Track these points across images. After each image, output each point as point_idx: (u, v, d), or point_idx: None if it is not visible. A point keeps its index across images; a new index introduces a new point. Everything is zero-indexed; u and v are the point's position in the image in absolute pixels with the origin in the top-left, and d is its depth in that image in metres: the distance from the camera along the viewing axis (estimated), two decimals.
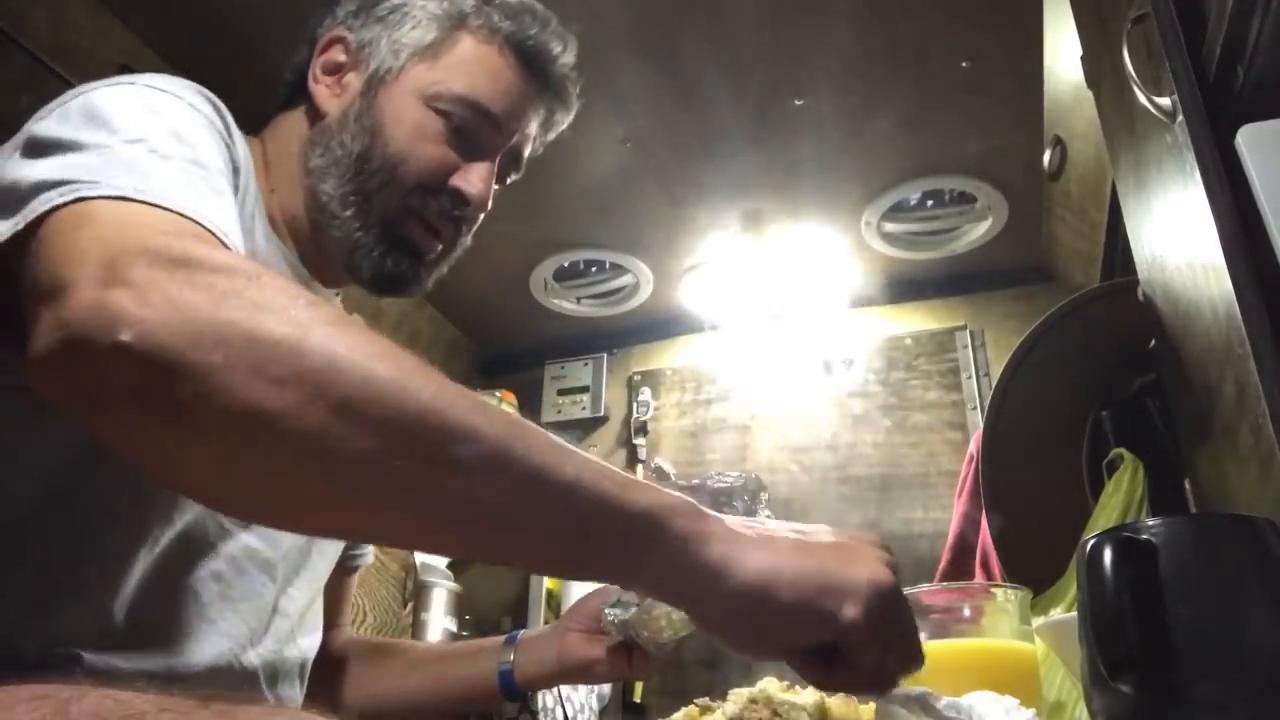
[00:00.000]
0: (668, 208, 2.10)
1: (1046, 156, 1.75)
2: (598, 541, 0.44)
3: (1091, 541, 0.56)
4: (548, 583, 2.35)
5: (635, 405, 2.53)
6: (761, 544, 0.46)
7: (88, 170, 0.51)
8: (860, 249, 2.24)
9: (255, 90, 0.82)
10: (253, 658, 0.72)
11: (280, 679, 0.76)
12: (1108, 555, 0.54)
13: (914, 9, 1.56)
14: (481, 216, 0.86)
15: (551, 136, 0.93)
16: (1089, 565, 0.56)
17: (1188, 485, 0.96)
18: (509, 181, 0.89)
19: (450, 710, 0.91)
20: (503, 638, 0.91)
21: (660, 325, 2.57)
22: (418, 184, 0.79)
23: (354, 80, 0.81)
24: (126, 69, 0.86)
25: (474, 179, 0.80)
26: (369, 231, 0.79)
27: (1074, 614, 0.62)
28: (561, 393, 2.58)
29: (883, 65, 1.68)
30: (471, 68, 0.81)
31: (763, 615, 0.46)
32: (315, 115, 0.81)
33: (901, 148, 1.91)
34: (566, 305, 2.47)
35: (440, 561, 2.21)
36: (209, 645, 0.68)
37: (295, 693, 0.80)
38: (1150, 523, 0.57)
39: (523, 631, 0.92)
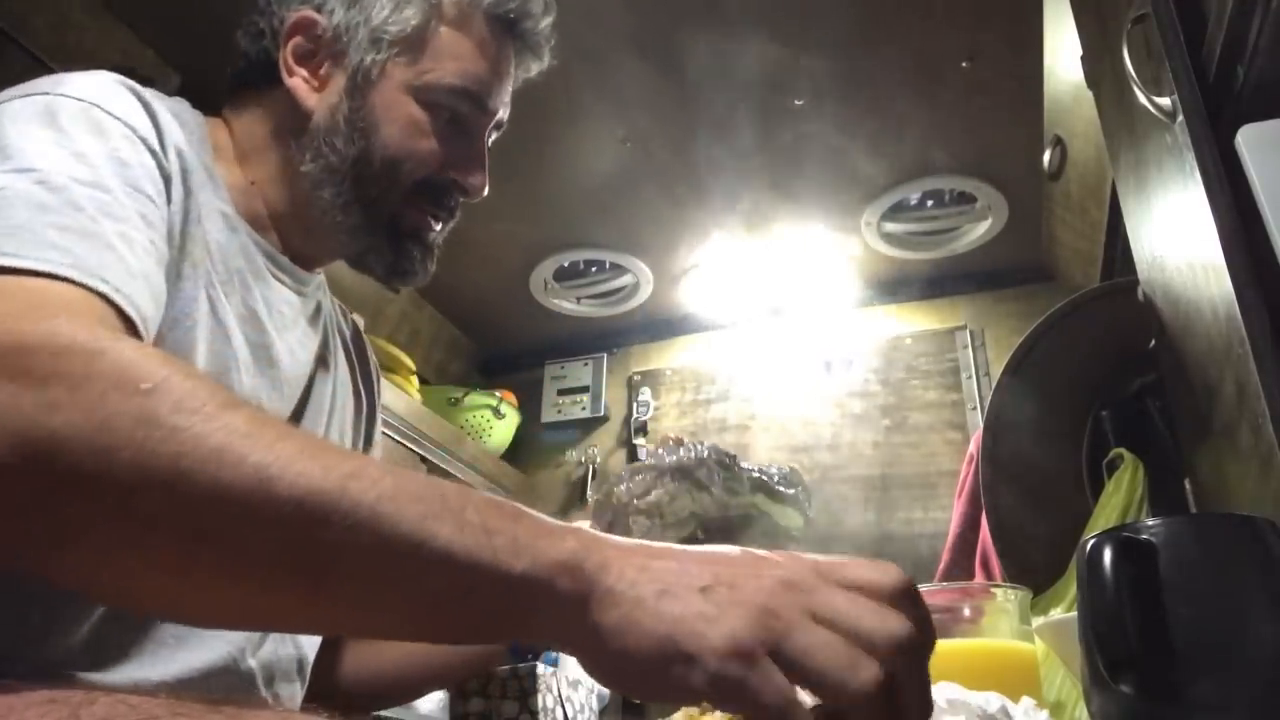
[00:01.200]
0: (668, 208, 2.10)
1: (1046, 156, 1.75)
2: (479, 611, 0.40)
3: (1091, 541, 0.56)
4: None
5: (635, 405, 2.54)
6: (660, 597, 0.40)
7: None
8: (860, 249, 2.24)
9: None
10: (252, 661, 0.71)
11: (277, 678, 0.75)
12: (1108, 555, 0.54)
13: (914, 9, 1.56)
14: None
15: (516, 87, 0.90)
16: (1089, 565, 0.56)
17: (1188, 485, 0.96)
18: (490, 142, 0.87)
19: (458, 674, 0.88)
20: None
21: (660, 325, 2.57)
22: (416, 182, 0.78)
23: (333, 72, 0.78)
24: (126, 69, 0.85)
25: (473, 168, 0.81)
26: (377, 234, 0.79)
27: (1074, 614, 0.62)
28: (561, 393, 2.58)
29: (883, 65, 1.68)
30: (457, 52, 0.79)
31: (662, 677, 0.39)
32: (297, 112, 0.78)
33: (901, 148, 1.91)
34: (566, 305, 2.47)
35: None
36: (208, 652, 0.67)
37: (294, 690, 0.79)
38: (1150, 523, 0.57)
39: None
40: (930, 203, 2.15)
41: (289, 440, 0.41)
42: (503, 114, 0.85)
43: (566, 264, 2.33)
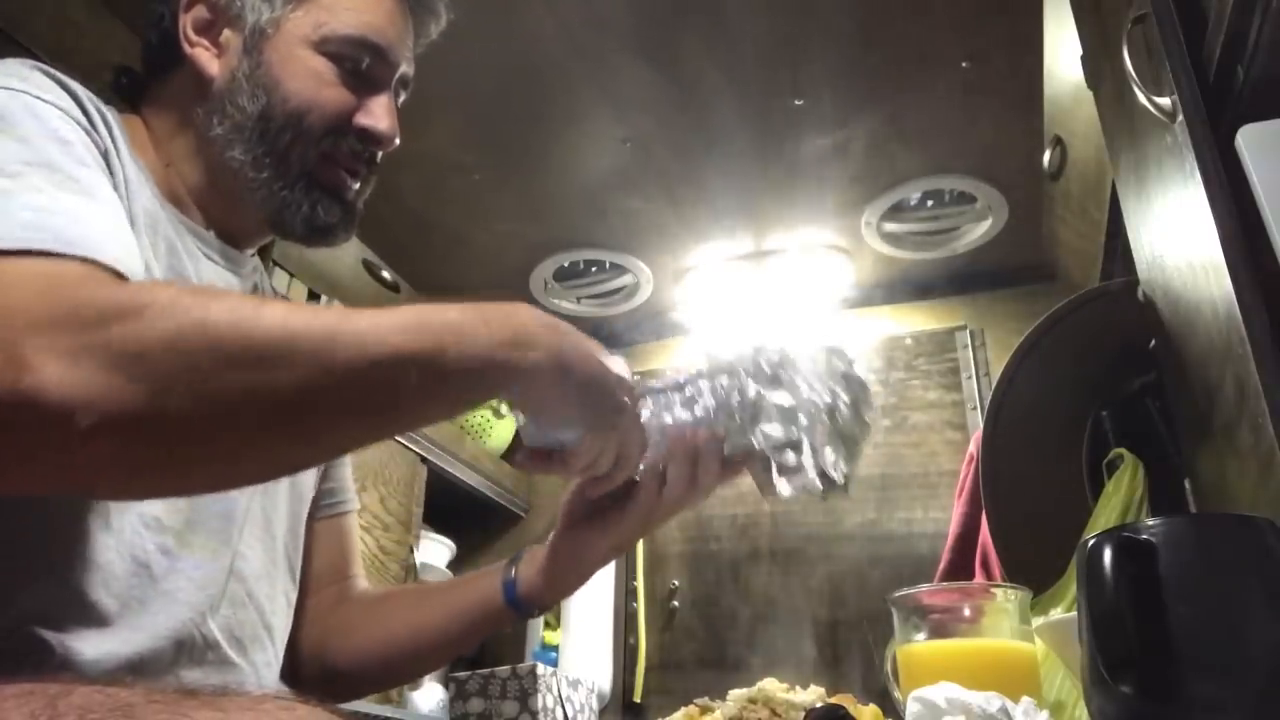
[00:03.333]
0: (668, 208, 2.10)
1: (1046, 156, 1.75)
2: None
3: (1091, 541, 0.56)
4: None
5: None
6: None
7: None
8: (860, 249, 2.24)
9: None
10: (213, 626, 0.72)
11: (247, 644, 0.76)
12: (1108, 555, 0.54)
13: (914, 9, 1.56)
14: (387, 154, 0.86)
15: (420, 50, 0.91)
16: (1089, 565, 0.56)
17: (1188, 485, 0.96)
18: (401, 102, 0.87)
19: (462, 640, 0.88)
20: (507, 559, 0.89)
21: (660, 325, 2.57)
22: (326, 131, 0.79)
23: (231, 37, 0.79)
24: (127, 70, 0.85)
25: (379, 114, 0.80)
26: (293, 188, 0.79)
27: (1074, 614, 0.62)
28: None
29: (883, 65, 1.68)
30: (352, 4, 0.80)
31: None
32: (200, 81, 0.79)
33: (901, 148, 1.91)
34: (566, 305, 2.47)
35: (440, 561, 2.22)
36: (167, 617, 0.68)
37: (268, 657, 0.79)
38: (1150, 523, 0.57)
39: (528, 547, 0.89)
40: (930, 203, 2.15)
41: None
42: (406, 69, 0.85)
43: (566, 264, 2.33)
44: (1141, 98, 0.80)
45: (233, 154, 0.78)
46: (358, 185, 0.83)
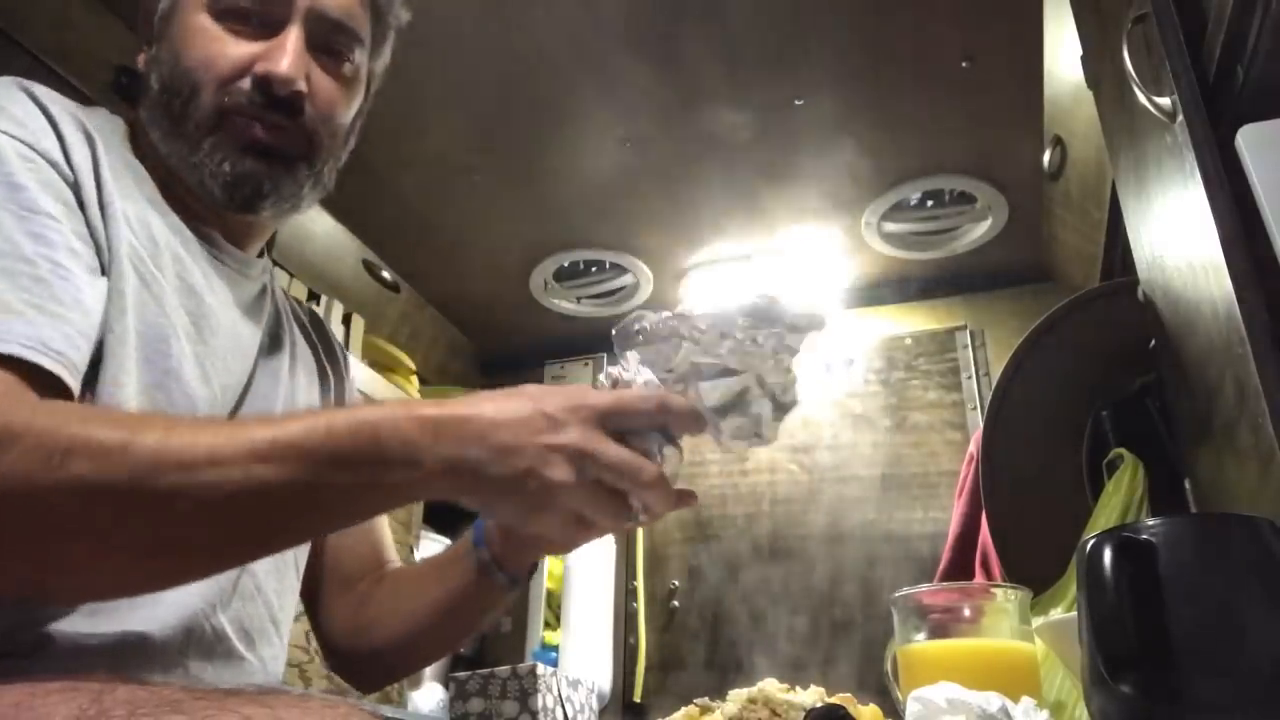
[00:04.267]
0: (668, 208, 2.10)
1: (1046, 156, 1.75)
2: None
3: (1091, 541, 0.56)
4: (547, 582, 2.35)
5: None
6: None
7: None
8: (860, 249, 2.24)
9: None
10: (223, 618, 0.72)
11: (255, 637, 0.76)
12: (1108, 555, 0.54)
13: (914, 9, 1.56)
14: (330, 114, 0.81)
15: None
16: (1089, 565, 0.56)
17: (1188, 485, 0.96)
18: (355, 59, 0.83)
19: (466, 615, 0.87)
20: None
21: None
22: (220, 83, 0.75)
23: (155, 43, 0.80)
24: (127, 70, 0.85)
25: (274, 57, 0.76)
26: (199, 152, 0.76)
27: (1074, 614, 0.62)
28: None
29: (883, 65, 1.68)
30: None
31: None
32: (148, 91, 0.79)
33: (901, 148, 1.91)
34: (566, 305, 2.47)
35: None
36: (178, 607, 0.68)
37: (275, 651, 0.79)
38: (1150, 523, 0.57)
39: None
40: (930, 203, 2.15)
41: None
42: (291, 8, 0.79)
43: (566, 264, 2.33)
44: (1141, 98, 0.80)
45: (155, 135, 0.77)
46: (275, 138, 0.78)
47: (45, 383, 0.57)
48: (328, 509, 0.59)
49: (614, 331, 0.67)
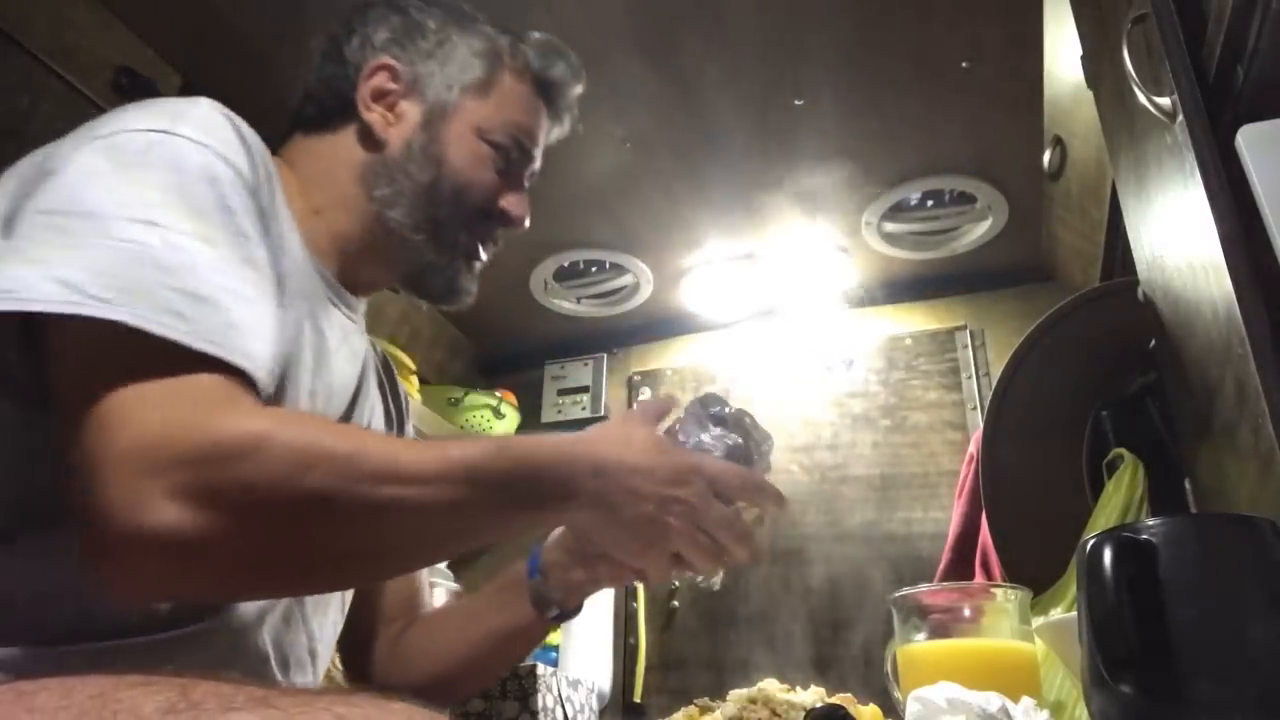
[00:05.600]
0: (668, 208, 2.10)
1: (1046, 156, 1.75)
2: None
3: (1091, 541, 0.56)
4: None
5: (635, 405, 2.53)
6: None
7: (113, 270, 0.56)
8: (860, 249, 2.24)
9: (255, 89, 0.82)
10: (266, 638, 0.73)
11: (292, 665, 0.77)
12: (1108, 555, 0.54)
13: (914, 9, 1.56)
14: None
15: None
16: (1089, 565, 0.56)
17: (1188, 485, 0.96)
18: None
19: (510, 653, 0.94)
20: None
21: (660, 325, 2.56)
22: (476, 209, 0.88)
23: (409, 110, 0.87)
24: (127, 70, 0.86)
25: (517, 201, 0.91)
26: (442, 252, 0.88)
27: (1074, 614, 0.62)
28: (562, 393, 2.58)
29: (883, 65, 1.68)
30: (513, 103, 0.91)
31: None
32: (370, 141, 0.86)
33: (901, 148, 1.91)
34: (566, 305, 2.47)
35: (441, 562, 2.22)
36: (229, 621, 0.69)
37: (309, 681, 0.80)
38: (1150, 523, 0.57)
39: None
40: (930, 203, 2.15)
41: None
42: (535, 166, 0.96)
43: (566, 264, 2.33)
44: (1141, 98, 0.80)
45: (393, 214, 0.85)
46: (485, 256, 0.93)
47: (254, 395, 0.61)
48: (486, 528, 0.67)
49: (697, 400, 0.79)
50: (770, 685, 0.84)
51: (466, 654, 0.91)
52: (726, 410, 0.81)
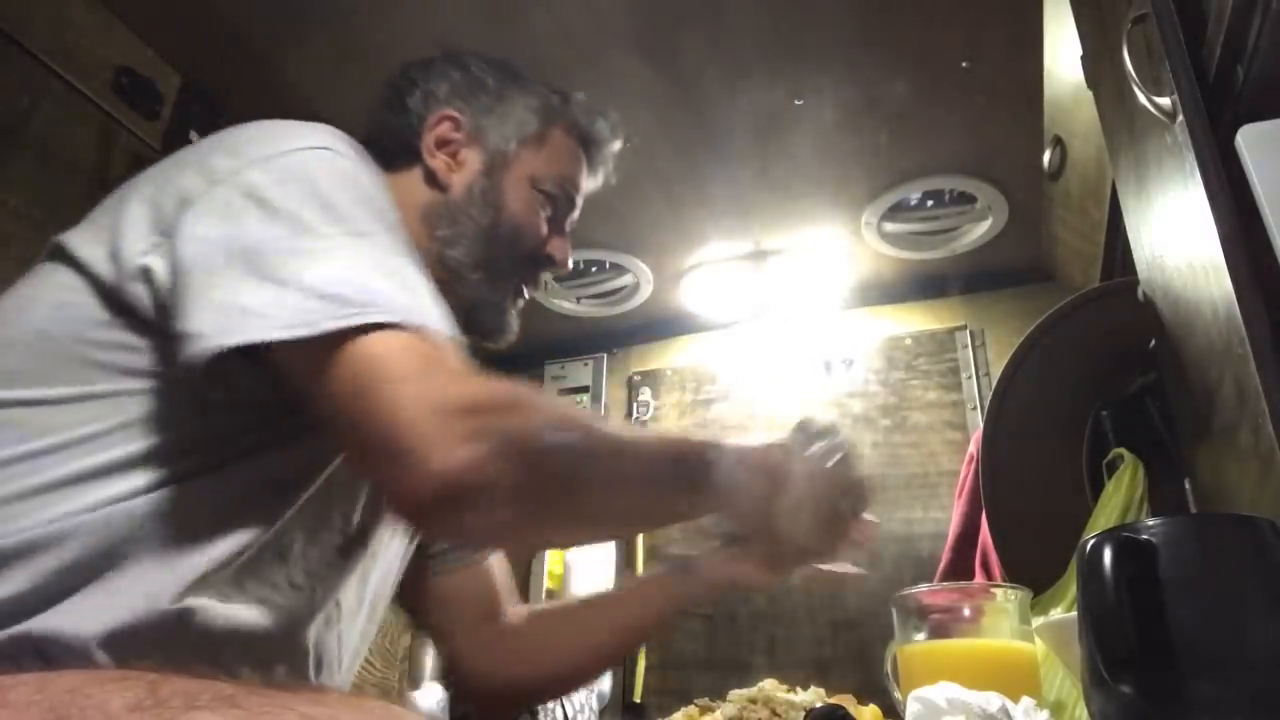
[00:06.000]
0: (668, 208, 2.10)
1: (1046, 156, 1.75)
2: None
3: (1091, 541, 0.56)
4: (547, 582, 2.35)
5: (635, 405, 2.54)
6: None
7: (355, 280, 0.64)
8: (860, 249, 2.24)
9: (253, 89, 0.82)
10: (310, 638, 0.75)
11: (323, 667, 0.78)
12: (1108, 555, 0.54)
13: (914, 9, 1.56)
14: None
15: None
16: (1089, 565, 0.55)
17: (1188, 485, 0.96)
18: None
19: (628, 649, 1.08)
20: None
21: (660, 325, 2.57)
22: (527, 252, 0.95)
23: (471, 158, 0.95)
24: (127, 70, 0.86)
25: (562, 246, 0.98)
26: (495, 291, 0.94)
27: (1074, 614, 0.62)
28: (562, 393, 2.58)
29: (883, 65, 1.68)
30: (563, 157, 0.99)
31: None
32: (434, 185, 0.93)
33: (901, 148, 1.91)
34: (566, 305, 2.47)
35: None
36: (282, 613, 0.71)
37: (336, 682, 0.82)
38: (1150, 523, 0.57)
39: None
40: (930, 203, 2.15)
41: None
42: (577, 213, 1.03)
43: None
44: (1141, 98, 0.80)
45: (453, 253, 0.91)
46: (527, 296, 1.00)
47: None
48: (685, 509, 0.78)
49: (797, 427, 0.85)
50: (770, 685, 0.84)
51: (607, 642, 1.00)
52: (822, 428, 0.87)
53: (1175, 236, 0.85)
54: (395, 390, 0.60)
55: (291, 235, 0.65)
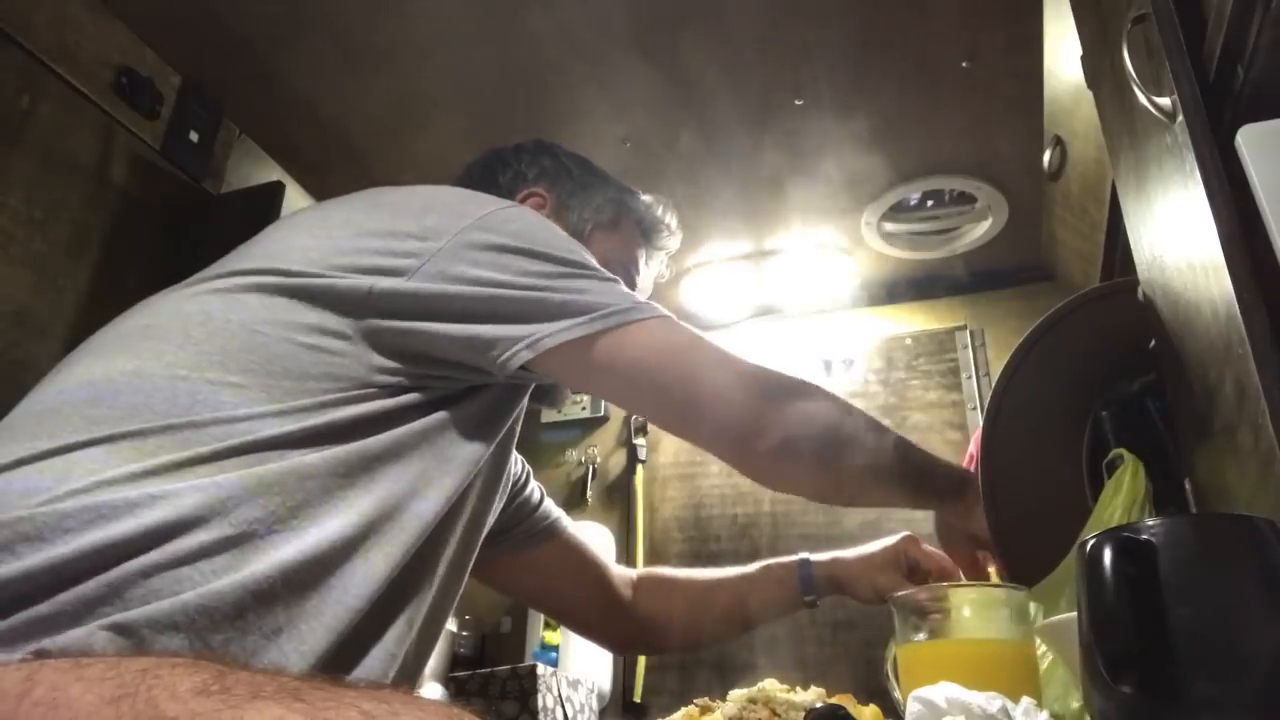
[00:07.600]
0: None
1: (1046, 156, 1.75)
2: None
3: (1091, 541, 0.56)
4: None
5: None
6: None
7: (616, 292, 0.82)
8: (860, 249, 2.24)
9: (252, 89, 0.82)
10: (406, 649, 0.77)
11: (397, 667, 0.79)
12: (1108, 555, 0.54)
13: (914, 9, 1.56)
14: None
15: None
16: (1089, 565, 0.55)
17: (1188, 485, 0.96)
18: None
19: (752, 620, 1.17)
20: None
21: None
22: None
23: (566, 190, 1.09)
24: (127, 70, 0.86)
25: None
26: None
27: (1074, 614, 0.62)
28: None
29: (883, 65, 1.68)
30: (629, 244, 1.11)
31: None
32: None
33: (901, 148, 1.91)
34: None
35: None
36: (394, 622, 0.74)
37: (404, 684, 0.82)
38: (1150, 523, 0.57)
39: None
40: (930, 203, 2.15)
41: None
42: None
43: None
44: (1141, 98, 0.80)
45: None
46: None
47: None
48: (901, 502, 0.95)
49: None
50: (770, 685, 0.84)
51: (721, 619, 1.14)
52: None
53: (1175, 236, 0.85)
54: (722, 375, 0.83)
55: (559, 266, 0.80)
